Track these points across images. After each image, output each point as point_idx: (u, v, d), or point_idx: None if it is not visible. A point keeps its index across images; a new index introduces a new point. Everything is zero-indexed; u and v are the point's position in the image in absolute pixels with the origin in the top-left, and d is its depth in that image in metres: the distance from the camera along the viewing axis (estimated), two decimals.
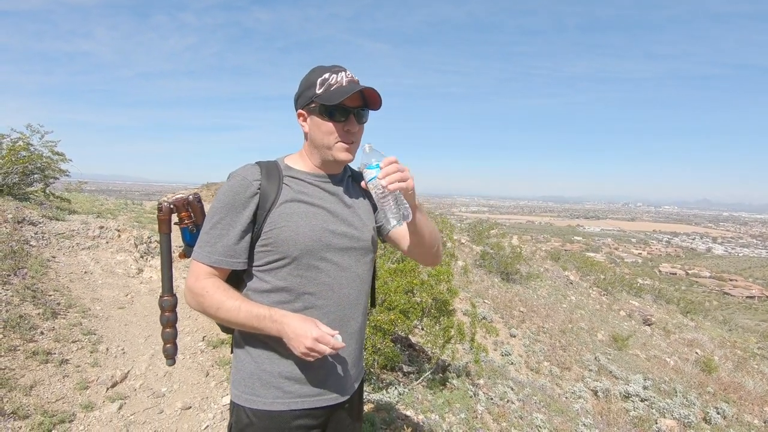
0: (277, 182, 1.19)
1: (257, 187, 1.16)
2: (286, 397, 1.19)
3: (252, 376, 1.20)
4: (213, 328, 3.97)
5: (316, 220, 1.19)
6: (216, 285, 1.15)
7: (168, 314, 1.35)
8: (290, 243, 1.15)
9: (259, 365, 1.20)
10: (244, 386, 1.21)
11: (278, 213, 1.16)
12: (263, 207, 1.16)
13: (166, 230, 1.34)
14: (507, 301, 9.20)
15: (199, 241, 1.18)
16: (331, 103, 1.15)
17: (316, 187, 1.24)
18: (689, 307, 18.23)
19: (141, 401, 2.89)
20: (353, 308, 1.27)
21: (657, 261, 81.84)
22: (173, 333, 1.36)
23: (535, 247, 19.19)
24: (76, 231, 5.26)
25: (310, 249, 1.17)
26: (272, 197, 1.17)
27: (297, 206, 1.18)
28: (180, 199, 1.33)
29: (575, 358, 7.50)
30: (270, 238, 1.16)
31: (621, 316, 12.35)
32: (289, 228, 1.15)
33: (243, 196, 1.15)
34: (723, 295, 55.51)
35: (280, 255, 1.16)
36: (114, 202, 9.49)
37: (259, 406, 1.19)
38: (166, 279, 1.35)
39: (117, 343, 3.48)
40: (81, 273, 4.46)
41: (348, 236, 1.24)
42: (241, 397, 1.21)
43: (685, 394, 6.49)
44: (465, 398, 3.78)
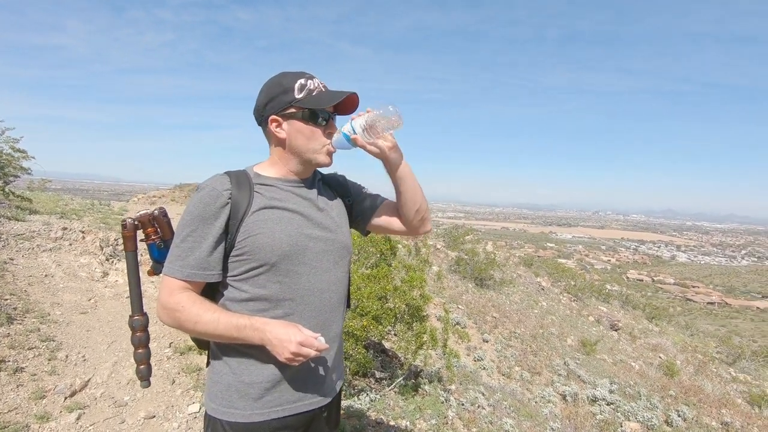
0: (248, 191, 1.17)
1: (227, 197, 1.14)
2: (265, 407, 1.17)
3: (230, 388, 1.17)
4: (180, 334, 3.86)
5: (292, 225, 1.18)
6: (191, 299, 1.12)
7: (140, 334, 1.30)
8: (267, 250, 1.14)
9: (238, 376, 1.17)
10: (221, 399, 1.18)
11: (252, 221, 1.14)
12: (235, 217, 1.14)
13: (131, 248, 1.30)
14: (480, 307, 9.32)
15: (169, 255, 1.15)
16: (321, 107, 1.17)
17: (288, 192, 1.23)
18: (654, 312, 18.87)
19: (101, 411, 2.78)
20: (334, 312, 1.27)
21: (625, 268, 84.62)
22: (147, 353, 1.31)
23: (509, 253, 19.52)
24: (37, 232, 5.04)
25: (288, 254, 1.16)
26: (244, 206, 1.15)
27: (271, 212, 1.17)
28: (145, 214, 1.30)
29: (545, 362, 7.65)
30: (245, 247, 1.14)
31: (590, 321, 12.68)
32: (264, 235, 1.14)
33: (213, 207, 1.12)
34: (686, 301, 57.83)
35: (258, 263, 1.14)
36: (80, 202, 9.13)
37: (237, 419, 1.16)
38: (136, 298, 1.31)
39: (77, 349, 3.34)
40: (41, 276, 4.27)
41: (324, 239, 1.24)
42: (218, 410, 1.18)
43: (648, 398, 6.70)
44: (436, 404, 3.80)
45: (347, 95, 1.19)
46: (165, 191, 17.10)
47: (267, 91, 1.21)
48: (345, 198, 1.40)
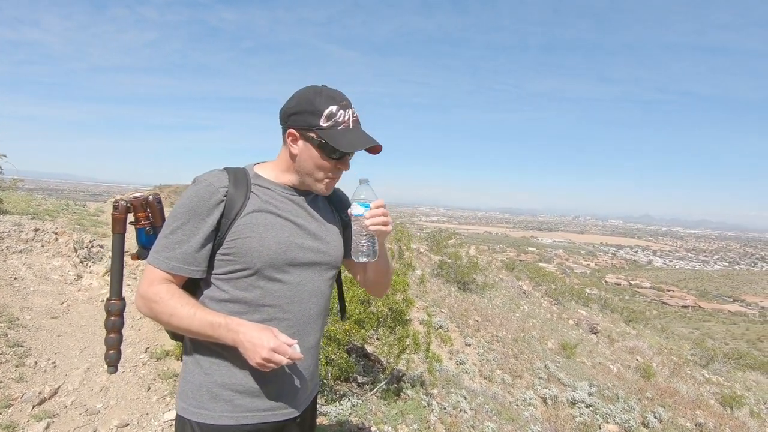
0: (245, 190, 1.15)
1: (223, 194, 1.12)
2: (236, 411, 1.15)
3: (201, 388, 1.15)
4: (157, 339, 3.76)
5: (283, 233, 1.16)
6: (170, 291, 1.09)
7: (114, 318, 1.26)
8: (254, 254, 1.12)
9: (210, 377, 1.15)
10: (192, 398, 1.16)
11: (244, 222, 1.12)
12: (228, 215, 1.11)
13: (120, 230, 1.26)
14: (463, 311, 9.36)
15: (156, 245, 1.12)
16: (338, 148, 1.13)
17: (285, 198, 1.21)
18: (631, 316, 19.31)
19: (72, 419, 2.68)
20: (312, 323, 1.25)
21: (603, 272, 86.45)
22: (118, 339, 1.28)
23: (491, 257, 19.71)
24: (7, 233, 4.85)
25: (274, 262, 1.14)
26: (238, 206, 1.12)
27: (264, 217, 1.15)
28: (138, 197, 1.27)
29: (527, 366, 7.72)
30: (233, 248, 1.12)
31: (570, 324, 12.87)
32: (254, 239, 1.12)
33: (208, 202, 1.10)
34: (661, 305, 59.37)
35: (242, 266, 1.12)
36: (54, 203, 8.85)
37: (207, 420, 1.14)
38: (116, 281, 1.27)
39: (47, 356, 3.22)
40: (10, 279, 4.11)
41: (314, 251, 1.22)
42: (188, 410, 1.15)
43: (626, 400, 6.83)
44: (419, 408, 3.78)
45: (368, 146, 1.15)
46: (145, 190, 16.73)
47: (298, 102, 1.16)
48: (342, 214, 1.37)
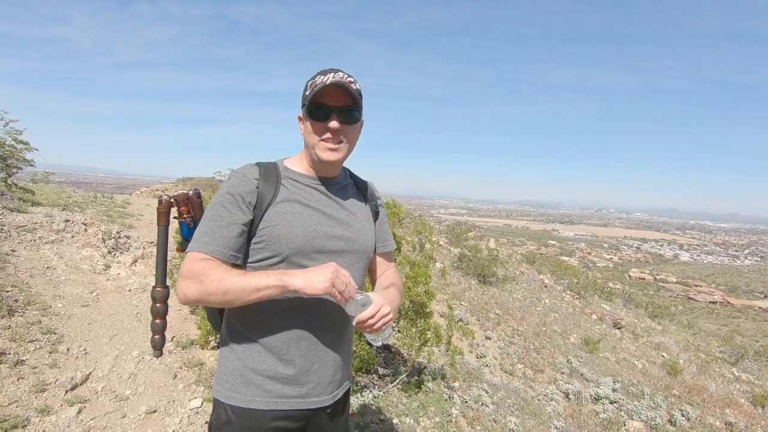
0: (275, 182, 1.21)
1: (255, 185, 1.18)
2: (267, 396, 1.17)
3: (234, 372, 1.19)
4: (182, 329, 3.84)
5: (310, 221, 1.19)
6: (216, 264, 1.12)
7: (159, 305, 1.35)
8: (282, 241, 1.16)
9: (242, 361, 1.19)
10: (225, 382, 1.20)
11: (274, 212, 1.18)
12: (260, 206, 1.18)
13: (164, 223, 1.35)
14: (483, 304, 9.28)
15: (196, 233, 1.17)
16: (309, 102, 1.17)
17: (313, 189, 1.25)
18: (656, 311, 18.82)
19: (102, 405, 2.75)
20: (343, 312, 1.23)
21: (627, 266, 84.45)
22: (162, 324, 1.37)
23: (511, 250, 19.45)
24: (40, 224, 5.01)
25: (301, 249, 1.17)
26: (269, 197, 1.18)
27: (292, 206, 1.20)
28: (181, 193, 1.36)
29: (548, 360, 7.61)
30: (264, 236, 1.17)
31: (593, 319, 12.63)
32: (282, 227, 1.17)
33: (242, 192, 1.16)
34: (688, 300, 57.69)
35: (272, 252, 1.17)
36: (82, 195, 9.11)
37: (238, 403, 1.17)
38: (161, 270, 1.35)
39: (79, 343, 3.31)
40: (43, 268, 4.25)
41: (343, 239, 1.24)
42: (222, 393, 1.20)
43: (652, 397, 6.66)
44: (440, 402, 3.76)
45: (323, 87, 1.15)
46: (168, 185, 17.08)
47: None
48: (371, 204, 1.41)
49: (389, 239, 1.47)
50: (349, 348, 1.34)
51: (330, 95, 1.17)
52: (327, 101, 1.17)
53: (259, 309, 1.16)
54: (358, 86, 1.21)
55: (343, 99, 1.18)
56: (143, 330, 3.75)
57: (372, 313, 1.11)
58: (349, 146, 1.24)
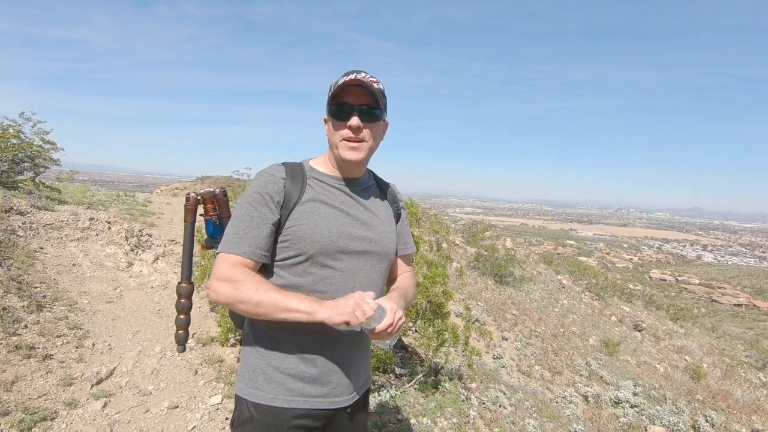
0: (301, 182, 1.23)
1: (282, 185, 1.20)
2: (288, 394, 1.19)
3: (256, 369, 1.21)
4: (203, 326, 3.90)
5: (335, 222, 1.21)
6: (251, 272, 1.15)
7: (183, 301, 1.37)
8: (307, 240, 1.18)
9: (265, 359, 1.20)
10: (248, 379, 1.21)
11: (300, 211, 1.19)
12: (287, 205, 1.19)
13: (190, 220, 1.37)
14: (500, 304, 9.19)
15: (226, 234, 1.20)
16: (331, 101, 1.20)
17: (337, 190, 1.26)
18: (678, 313, 18.35)
19: (126, 399, 2.82)
20: None
21: (647, 267, 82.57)
22: (187, 320, 1.39)
23: (528, 250, 19.22)
24: (66, 222, 5.15)
25: (326, 248, 1.18)
26: (295, 196, 1.20)
27: (318, 206, 1.21)
28: (208, 192, 1.38)
29: (566, 362, 7.50)
30: (289, 235, 1.19)
31: (612, 321, 12.39)
32: (307, 226, 1.18)
33: (270, 192, 1.19)
34: (711, 303, 56.09)
35: (297, 252, 1.19)
36: (106, 193, 9.34)
37: (260, 401, 1.19)
38: (186, 267, 1.38)
39: (104, 338, 3.40)
40: (69, 265, 4.37)
41: (366, 240, 1.25)
42: (244, 390, 1.21)
43: (674, 402, 6.51)
44: (457, 402, 3.74)
45: (343, 85, 1.18)
46: (187, 183, 17.38)
47: None
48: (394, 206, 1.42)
49: (410, 242, 1.48)
50: (368, 348, 1.35)
51: (351, 94, 1.18)
52: (348, 100, 1.18)
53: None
54: (380, 86, 1.21)
55: (364, 98, 1.19)
56: (165, 327, 3.82)
57: (389, 322, 1.12)
58: (372, 145, 1.24)
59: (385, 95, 1.24)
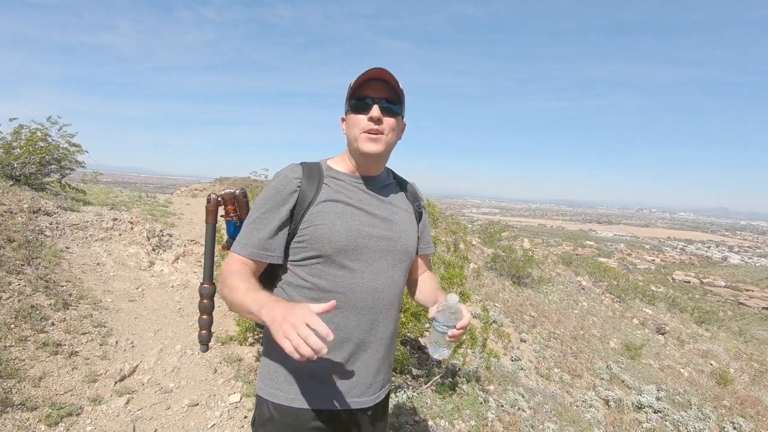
0: (317, 182, 1.22)
1: (297, 185, 1.20)
2: (308, 395, 1.18)
3: (277, 370, 1.21)
4: (222, 325, 3.95)
5: (353, 221, 1.19)
6: (239, 270, 1.16)
7: (206, 301, 1.39)
8: (325, 241, 1.16)
9: (285, 360, 1.19)
10: (269, 379, 1.21)
11: (316, 211, 1.19)
12: (301, 205, 1.19)
13: (212, 221, 1.39)
14: (518, 305, 9.07)
15: (239, 235, 1.22)
16: (351, 96, 1.20)
17: (356, 188, 1.25)
18: (703, 316, 17.81)
19: (148, 396, 2.87)
20: (385, 313, 1.25)
21: (670, 268, 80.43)
22: (209, 320, 1.40)
23: (546, 250, 18.93)
24: (90, 222, 5.29)
25: (344, 248, 1.17)
26: (310, 196, 1.20)
27: (335, 206, 1.20)
28: (228, 193, 1.40)
29: (586, 365, 7.35)
30: (306, 235, 1.18)
31: (634, 324, 12.10)
32: (325, 226, 1.17)
33: (283, 193, 1.19)
34: (738, 306, 54.29)
35: (315, 252, 1.18)
36: (128, 195, 9.57)
37: (281, 401, 1.19)
38: (208, 267, 1.39)
39: (126, 336, 3.47)
40: (93, 264, 4.48)
41: (385, 239, 1.23)
42: (265, 390, 1.21)
43: (700, 407, 6.31)
44: (475, 404, 3.70)
45: (364, 79, 1.18)
46: (206, 184, 17.68)
47: None
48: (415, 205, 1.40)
49: (430, 242, 1.46)
50: (390, 350, 1.32)
51: (372, 88, 1.19)
52: (369, 93, 1.19)
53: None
54: (400, 85, 1.22)
55: (385, 92, 1.20)
56: (185, 325, 3.89)
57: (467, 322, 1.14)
58: (390, 140, 1.23)
59: (404, 95, 1.25)
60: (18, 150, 5.83)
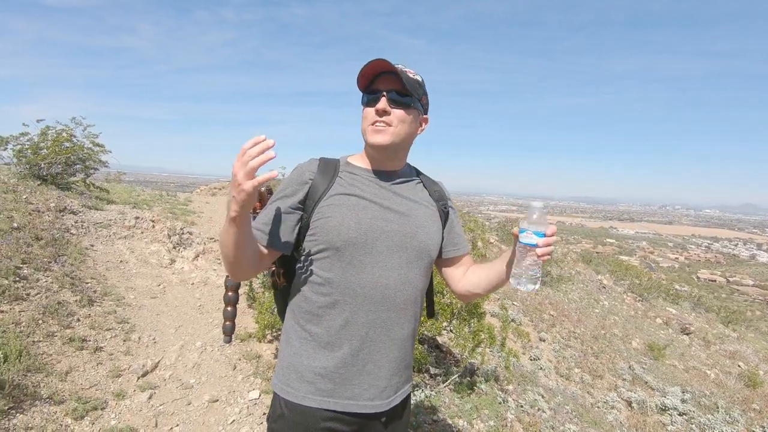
0: (332, 175, 1.22)
1: (308, 177, 1.21)
2: (319, 394, 1.16)
3: (290, 367, 1.20)
4: (241, 322, 3.99)
5: (364, 214, 1.17)
6: None
7: (230, 294, 1.40)
8: (334, 233, 1.15)
9: (297, 357, 1.19)
10: (282, 376, 1.21)
11: (327, 204, 1.18)
12: (312, 197, 1.19)
13: None
14: (537, 304, 8.94)
15: None
16: (363, 90, 1.20)
17: (371, 182, 1.23)
18: (731, 316, 17.26)
19: (170, 392, 2.92)
20: (398, 312, 1.20)
21: (695, 267, 78.18)
22: (233, 312, 1.41)
23: (566, 248, 18.61)
24: (113, 221, 5.41)
25: (354, 241, 1.14)
26: (322, 188, 1.20)
27: (346, 199, 1.19)
28: None
29: (608, 365, 7.20)
30: (316, 228, 1.18)
31: (657, 323, 11.81)
32: (335, 218, 1.16)
33: (294, 184, 1.21)
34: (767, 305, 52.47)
35: (325, 245, 1.16)
36: (150, 193, 9.77)
37: (292, 398, 1.17)
38: None
39: (149, 332, 3.54)
40: (117, 262, 4.59)
41: (400, 233, 1.19)
42: (278, 386, 1.21)
43: (727, 410, 6.11)
44: (494, 404, 3.66)
45: (366, 66, 1.16)
46: (225, 183, 17.93)
47: None
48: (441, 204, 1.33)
49: (462, 242, 1.38)
50: (406, 353, 1.26)
51: (382, 81, 1.18)
52: (378, 86, 1.18)
53: (314, 304, 1.18)
54: (416, 77, 1.19)
55: (393, 83, 1.17)
56: (205, 322, 3.95)
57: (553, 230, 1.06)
58: (399, 131, 1.18)
59: (422, 88, 1.22)
60: (45, 150, 6.00)
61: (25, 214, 4.49)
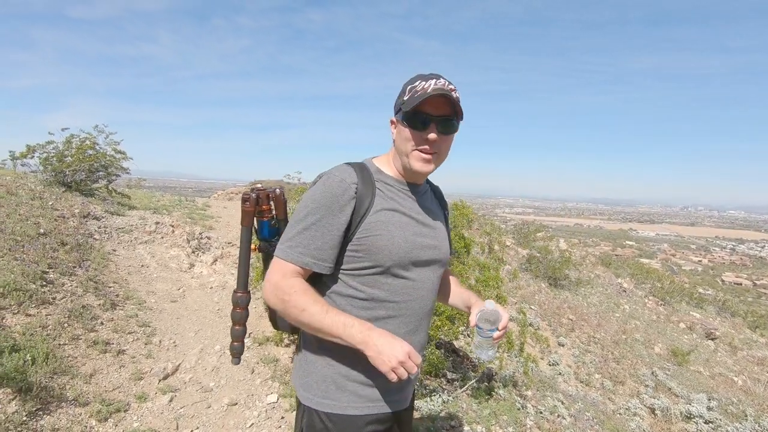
0: (372, 187, 1.16)
1: (354, 190, 1.13)
2: (360, 401, 1.18)
3: (326, 379, 1.18)
4: (259, 325, 4.03)
5: (408, 231, 1.17)
6: (303, 287, 1.11)
7: (240, 311, 1.33)
8: (384, 252, 1.13)
9: (334, 368, 1.18)
10: (317, 389, 1.19)
11: (374, 220, 1.13)
12: (358, 212, 1.13)
13: (248, 223, 1.29)
14: (555, 308, 8.81)
15: (290, 239, 1.13)
16: (408, 109, 1.12)
17: (405, 195, 1.22)
18: (759, 321, 16.67)
19: (190, 395, 2.96)
20: (425, 319, 1.27)
21: (719, 269, 75.91)
22: (243, 331, 1.35)
23: (584, 251, 18.29)
24: (135, 226, 5.53)
25: (401, 260, 1.15)
26: (367, 202, 1.14)
27: (392, 215, 1.17)
28: (264, 190, 1.31)
29: (629, 371, 7.04)
30: (363, 245, 1.13)
31: (680, 328, 11.50)
32: (384, 237, 1.13)
33: (341, 198, 1.11)
34: None
35: (372, 263, 1.14)
36: (169, 199, 9.96)
37: (334, 410, 1.17)
38: (243, 274, 1.32)
39: (169, 336, 3.60)
40: (138, 266, 4.68)
41: (432, 248, 1.24)
42: (314, 400, 1.19)
43: (757, 419, 5.91)
44: (512, 410, 3.61)
45: (427, 97, 1.10)
46: (242, 187, 18.17)
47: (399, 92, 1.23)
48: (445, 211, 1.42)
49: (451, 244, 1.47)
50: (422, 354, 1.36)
51: (431, 104, 1.11)
52: (427, 109, 1.11)
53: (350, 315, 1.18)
54: (458, 94, 1.14)
55: (444, 108, 1.12)
56: (224, 326, 3.99)
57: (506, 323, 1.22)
58: (443, 157, 1.20)
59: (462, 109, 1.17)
60: (69, 158, 6.18)
61: (51, 220, 4.63)
